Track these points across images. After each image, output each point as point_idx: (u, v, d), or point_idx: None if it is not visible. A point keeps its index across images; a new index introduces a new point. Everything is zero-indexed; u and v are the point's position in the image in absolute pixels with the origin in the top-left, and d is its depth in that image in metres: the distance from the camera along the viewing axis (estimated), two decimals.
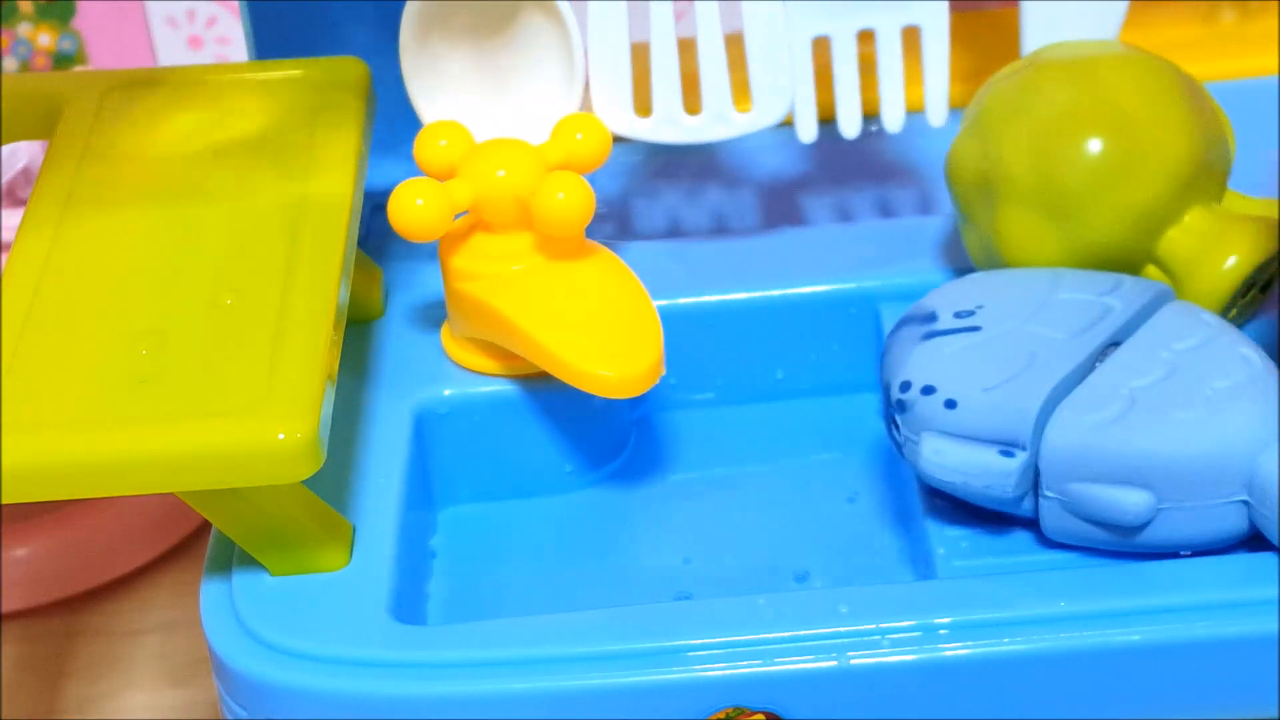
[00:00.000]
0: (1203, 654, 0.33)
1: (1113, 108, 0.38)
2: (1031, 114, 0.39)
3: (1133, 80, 0.39)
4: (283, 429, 0.32)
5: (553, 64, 0.43)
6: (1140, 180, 0.38)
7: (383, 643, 0.34)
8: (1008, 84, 0.40)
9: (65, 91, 0.42)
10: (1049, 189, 0.38)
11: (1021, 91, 0.39)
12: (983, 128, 0.39)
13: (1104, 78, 0.39)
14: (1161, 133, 0.38)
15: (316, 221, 0.38)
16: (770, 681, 0.33)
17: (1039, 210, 0.38)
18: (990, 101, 0.40)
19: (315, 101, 0.41)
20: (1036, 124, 0.38)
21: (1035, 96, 0.39)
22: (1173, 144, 0.38)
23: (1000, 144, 0.39)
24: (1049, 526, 0.35)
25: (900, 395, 0.36)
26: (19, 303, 0.36)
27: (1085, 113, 0.38)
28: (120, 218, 0.38)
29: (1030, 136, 0.38)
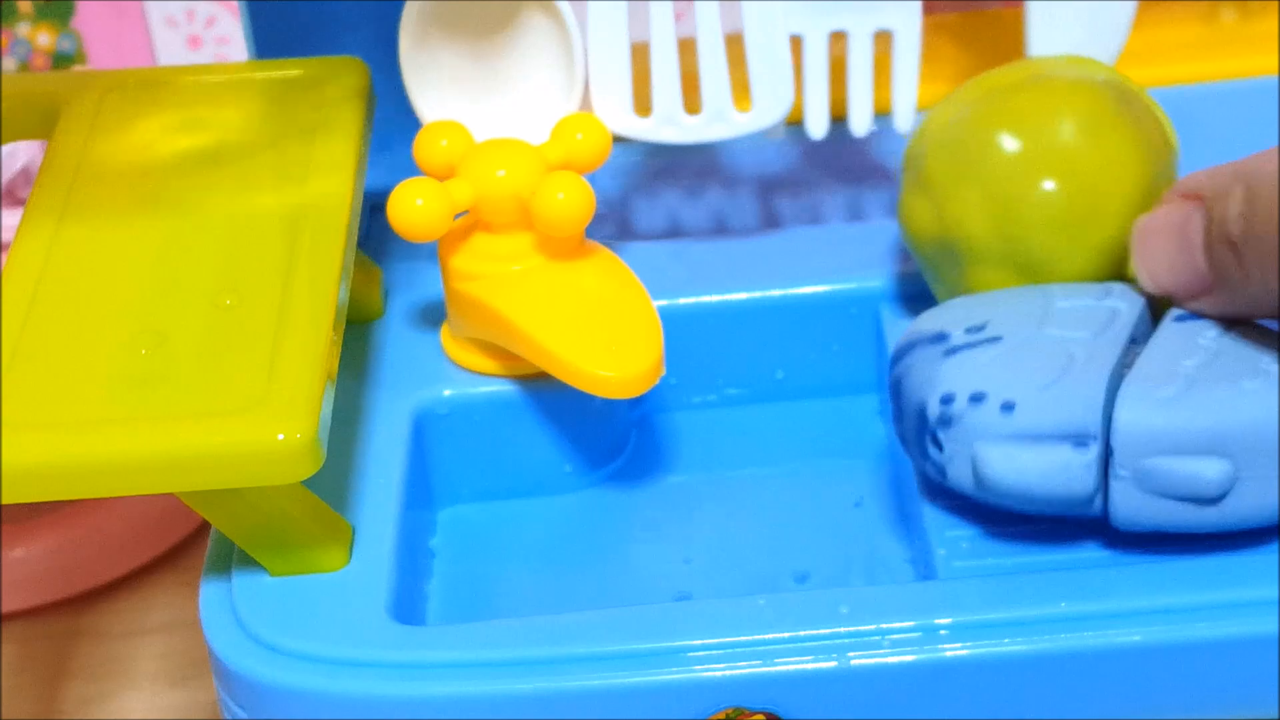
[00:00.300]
0: (1203, 654, 0.33)
1: (1062, 154, 0.37)
2: (981, 172, 0.37)
3: (1075, 116, 0.37)
4: (282, 429, 0.32)
5: (553, 64, 0.43)
6: (1104, 219, 0.37)
7: (382, 643, 0.34)
8: (947, 135, 0.38)
9: (64, 91, 0.42)
10: (1015, 249, 0.37)
11: (964, 145, 0.38)
12: (932, 188, 0.38)
13: (1045, 120, 0.37)
14: (1116, 167, 0.37)
15: (316, 221, 0.37)
16: (770, 682, 0.33)
17: (1008, 268, 0.37)
18: (933, 157, 0.38)
19: (315, 101, 0.41)
20: (989, 184, 0.37)
21: (980, 151, 0.37)
22: (1128, 174, 0.37)
23: (954, 207, 0.38)
24: (1121, 513, 0.34)
25: (943, 409, 0.35)
26: (19, 303, 0.35)
27: (1037, 164, 0.37)
28: (119, 218, 0.38)
29: (984, 198, 0.37)
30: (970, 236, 0.37)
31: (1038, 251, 0.37)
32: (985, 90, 0.39)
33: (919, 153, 0.39)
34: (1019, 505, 0.35)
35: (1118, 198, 0.37)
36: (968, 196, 0.37)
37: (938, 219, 0.38)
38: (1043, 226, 0.37)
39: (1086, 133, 0.37)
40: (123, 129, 0.41)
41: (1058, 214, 0.37)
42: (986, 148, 0.37)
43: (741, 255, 0.44)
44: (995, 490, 0.35)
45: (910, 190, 0.39)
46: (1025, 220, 0.37)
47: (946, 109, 0.39)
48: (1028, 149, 0.37)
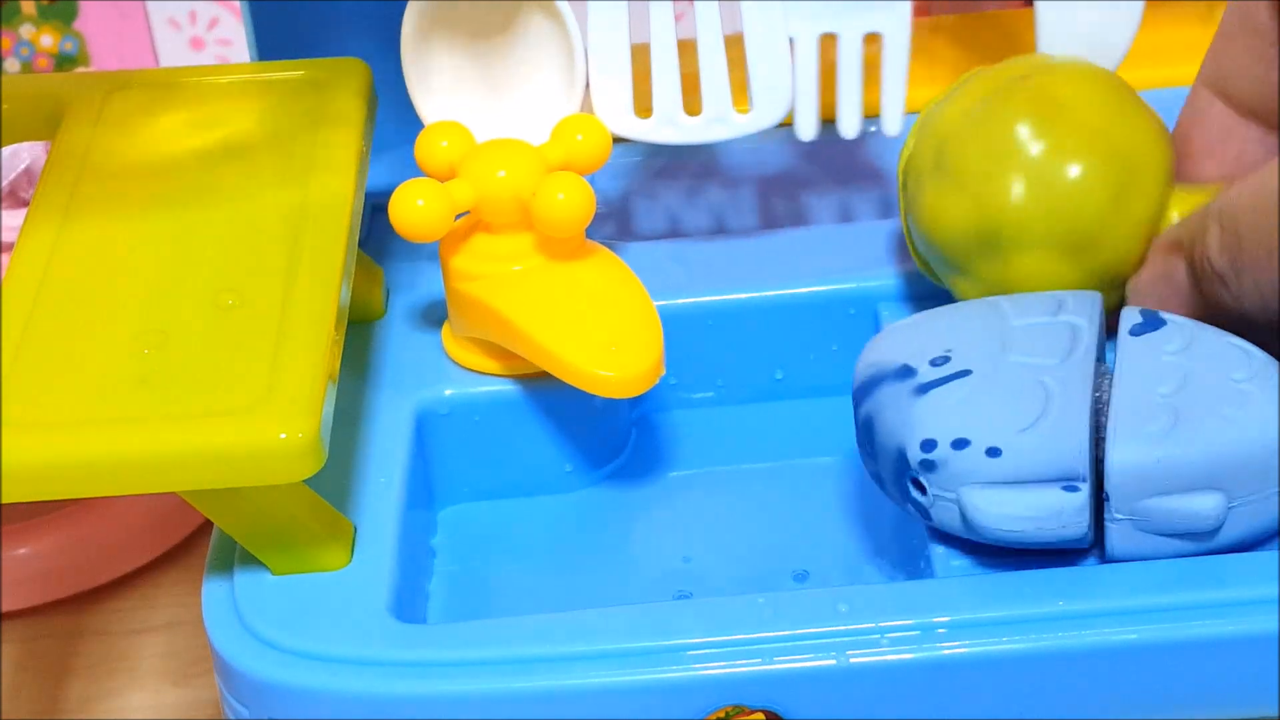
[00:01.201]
0: (1202, 653, 0.33)
1: (1096, 131, 0.37)
2: (1020, 157, 0.37)
3: (1102, 93, 0.38)
4: (284, 429, 0.32)
5: (553, 64, 0.43)
6: (1142, 191, 0.38)
7: (383, 642, 0.34)
8: (971, 127, 0.38)
9: (67, 93, 0.42)
10: (1067, 228, 0.37)
11: (996, 133, 0.38)
12: (967, 180, 0.38)
13: (1076, 99, 0.38)
14: (1140, 139, 0.38)
15: (318, 222, 0.38)
16: (769, 680, 0.33)
17: (1056, 250, 0.37)
18: (962, 150, 0.38)
19: (316, 102, 0.42)
20: (1033, 167, 0.37)
21: (1014, 138, 0.37)
22: (1152, 147, 0.38)
23: (997, 195, 0.37)
24: (1117, 551, 0.34)
25: (925, 455, 0.34)
26: (21, 303, 0.36)
27: (1077, 141, 0.37)
28: (122, 218, 0.38)
29: (1031, 181, 0.37)
30: (1018, 222, 0.37)
31: (1088, 227, 0.37)
32: (1001, 81, 0.39)
33: (936, 150, 0.39)
34: (1009, 544, 0.35)
35: (1150, 169, 0.38)
36: (1010, 182, 0.37)
37: (977, 210, 0.38)
38: (1096, 204, 0.37)
39: (1115, 109, 0.38)
40: (125, 130, 0.41)
41: (1103, 187, 0.37)
42: (1024, 131, 0.37)
43: (741, 255, 0.44)
44: (986, 535, 0.35)
45: (935, 188, 0.38)
46: (1078, 198, 0.37)
47: (956, 104, 0.39)
48: (1066, 127, 0.37)
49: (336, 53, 0.44)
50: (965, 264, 0.38)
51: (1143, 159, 0.38)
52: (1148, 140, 0.38)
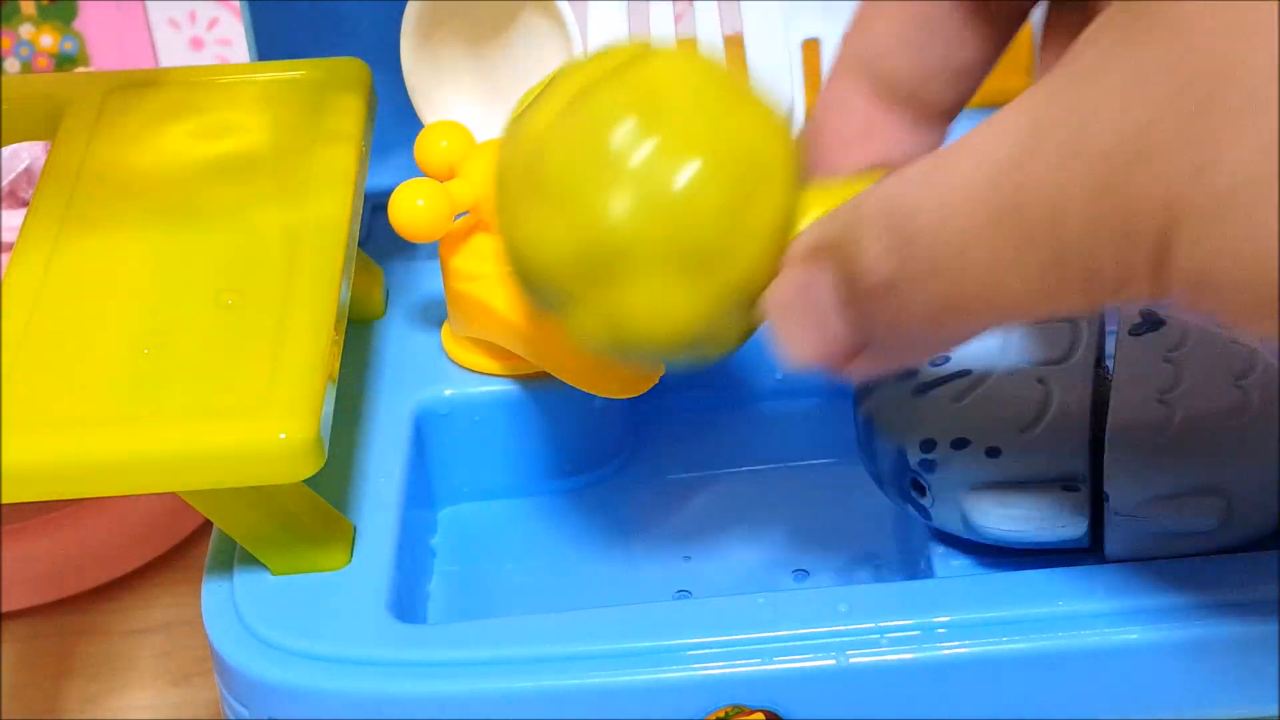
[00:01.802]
0: (1203, 654, 0.33)
1: (705, 127, 0.31)
2: (620, 163, 0.30)
3: (698, 84, 0.32)
4: (284, 428, 0.32)
5: (553, 64, 0.43)
6: (767, 193, 0.31)
7: (383, 642, 0.34)
8: (565, 135, 0.31)
9: (67, 93, 0.42)
10: (682, 243, 0.30)
11: (589, 140, 0.31)
12: (562, 195, 0.31)
13: (670, 94, 0.31)
14: (759, 133, 0.31)
15: (318, 221, 0.38)
16: (769, 680, 0.33)
17: (675, 269, 0.31)
18: (551, 161, 0.31)
19: (316, 102, 0.42)
20: (636, 174, 0.30)
21: (611, 141, 0.31)
22: (773, 141, 0.32)
23: (601, 209, 0.31)
24: (1116, 551, 0.35)
25: (924, 455, 0.35)
26: (21, 303, 0.36)
27: (684, 143, 0.31)
28: (122, 219, 0.38)
29: (638, 190, 0.30)
30: (626, 240, 0.31)
31: (706, 239, 0.31)
32: (593, 75, 0.32)
33: (525, 163, 0.32)
34: (1009, 543, 0.35)
35: (775, 166, 0.31)
36: (611, 194, 0.31)
37: (577, 230, 0.31)
38: (707, 208, 0.30)
39: (726, 100, 0.32)
40: (125, 130, 0.41)
41: (720, 191, 0.31)
42: (622, 132, 0.31)
43: None
44: (986, 535, 0.35)
45: (529, 208, 0.32)
46: (686, 204, 0.30)
47: (544, 106, 0.32)
48: (670, 124, 0.31)
49: (336, 53, 0.44)
50: (575, 294, 0.32)
51: (764, 156, 0.31)
52: (768, 134, 0.32)
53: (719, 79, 0.32)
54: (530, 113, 0.32)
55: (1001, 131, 0.27)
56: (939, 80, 0.32)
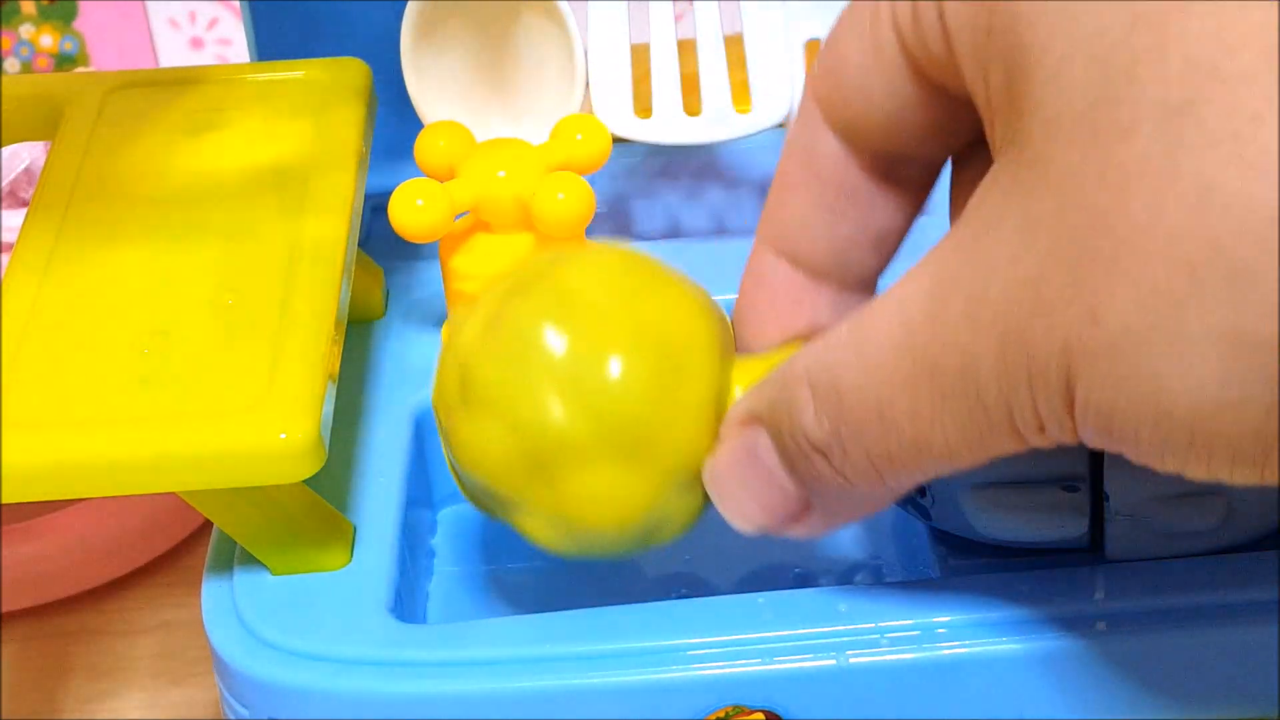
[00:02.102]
0: (1203, 654, 0.33)
1: (625, 317, 0.32)
2: (547, 365, 0.32)
3: (613, 278, 0.33)
4: (284, 429, 0.32)
5: (553, 64, 0.43)
6: (695, 372, 0.32)
7: (383, 641, 0.34)
8: (492, 345, 0.32)
9: (67, 93, 0.42)
10: (617, 432, 0.31)
11: (514, 347, 0.32)
12: (496, 404, 0.32)
13: (587, 290, 0.32)
14: (680, 315, 0.33)
15: (317, 221, 0.38)
16: (769, 680, 0.33)
17: (613, 459, 0.32)
18: (487, 373, 0.32)
19: (316, 102, 0.42)
20: (564, 372, 0.31)
21: (535, 345, 0.32)
22: (696, 321, 0.33)
23: (534, 413, 0.32)
24: (1117, 551, 0.34)
25: None
26: (21, 303, 0.36)
27: (606, 336, 0.32)
28: (121, 219, 0.38)
29: (566, 388, 0.31)
30: (561, 439, 0.32)
31: (640, 425, 0.32)
32: (513, 285, 0.33)
33: (459, 378, 0.33)
34: (1009, 543, 0.35)
35: (700, 345, 0.32)
36: (543, 396, 0.31)
37: (515, 436, 0.32)
38: (636, 395, 0.31)
39: (644, 288, 0.33)
40: (125, 130, 0.41)
41: (648, 376, 0.32)
42: (546, 334, 0.32)
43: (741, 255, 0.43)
44: (986, 535, 0.35)
45: (467, 421, 0.33)
46: (616, 394, 0.31)
47: (472, 322, 0.33)
48: (589, 320, 0.32)
49: (336, 52, 0.44)
50: (521, 499, 0.33)
51: (688, 336, 0.32)
52: (690, 315, 0.33)
53: (635, 270, 0.33)
54: (458, 330, 0.33)
55: (913, 290, 0.28)
56: (859, 250, 0.33)
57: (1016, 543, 0.35)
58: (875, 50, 0.30)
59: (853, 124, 0.31)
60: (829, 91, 0.31)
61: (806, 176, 0.32)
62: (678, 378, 0.32)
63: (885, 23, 0.30)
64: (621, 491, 0.32)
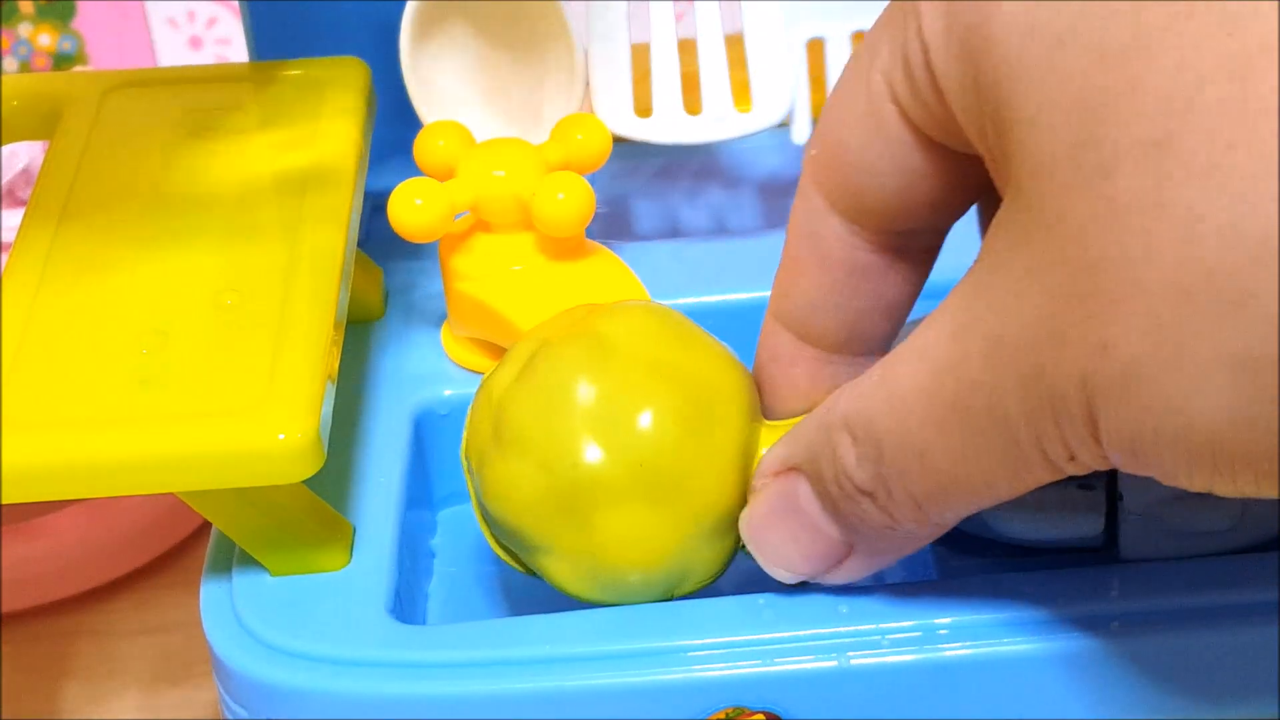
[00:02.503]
0: (1203, 654, 0.33)
1: (659, 365, 0.33)
2: (582, 408, 0.33)
3: (648, 329, 0.34)
4: (283, 429, 0.32)
5: (553, 64, 0.43)
6: (724, 422, 0.33)
7: (382, 643, 0.34)
8: (527, 388, 0.33)
9: (65, 92, 0.42)
10: (649, 474, 0.33)
11: (550, 391, 0.33)
12: (530, 443, 0.33)
13: (622, 339, 0.34)
14: (710, 367, 0.34)
15: (317, 221, 0.38)
16: (770, 681, 0.33)
17: (643, 500, 0.33)
18: (520, 417, 0.33)
19: (316, 102, 0.42)
20: (598, 415, 0.33)
21: (571, 389, 0.33)
22: (725, 375, 0.34)
23: (570, 447, 0.33)
24: (1131, 550, 0.34)
25: None
26: (20, 303, 0.36)
27: (640, 382, 0.33)
28: (120, 218, 0.38)
29: (601, 430, 0.33)
30: (594, 479, 0.33)
31: (671, 468, 0.33)
32: (549, 335, 0.34)
33: (493, 421, 0.34)
34: (1026, 542, 0.35)
35: (728, 396, 0.34)
36: (577, 438, 0.33)
37: (547, 473, 0.33)
38: (668, 440, 0.33)
39: (676, 340, 0.34)
40: (123, 130, 0.41)
41: (679, 422, 0.33)
42: (581, 379, 0.33)
43: (741, 255, 0.44)
44: (1002, 534, 0.35)
45: (498, 463, 0.34)
46: (648, 437, 0.33)
47: (506, 368, 0.34)
48: (624, 367, 0.33)
49: (336, 52, 0.44)
50: (549, 540, 0.34)
51: (718, 388, 0.33)
52: (719, 369, 0.34)
53: (669, 323, 0.34)
54: (492, 376, 0.35)
55: (935, 335, 0.28)
56: (871, 322, 0.33)
57: (1033, 542, 0.35)
58: (877, 128, 0.30)
59: (859, 205, 0.31)
60: (831, 177, 0.31)
61: (814, 260, 0.32)
62: (709, 425, 0.33)
63: (882, 96, 0.30)
64: (650, 533, 0.33)
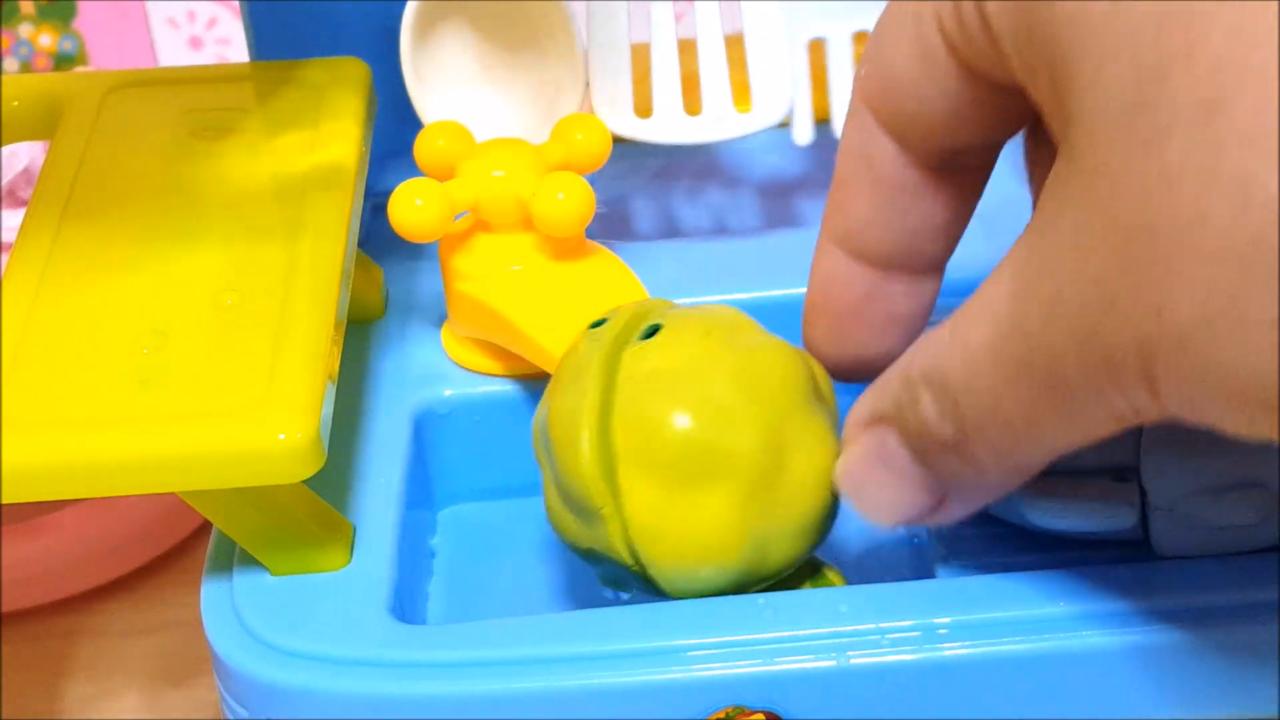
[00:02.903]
0: (1203, 654, 0.33)
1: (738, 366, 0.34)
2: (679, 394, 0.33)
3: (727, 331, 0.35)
4: (284, 429, 0.32)
5: (553, 64, 0.43)
6: (794, 420, 0.34)
7: (383, 642, 0.34)
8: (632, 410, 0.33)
9: (66, 92, 0.42)
10: (727, 455, 0.33)
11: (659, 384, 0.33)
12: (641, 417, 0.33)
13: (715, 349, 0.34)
14: (777, 359, 0.34)
15: (317, 221, 0.38)
16: (770, 681, 0.33)
17: (733, 480, 0.33)
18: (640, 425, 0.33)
19: (315, 102, 0.42)
20: (690, 402, 0.33)
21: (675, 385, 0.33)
22: (790, 364, 0.34)
23: (663, 424, 0.33)
24: (1163, 544, 0.35)
25: None
26: (20, 303, 0.36)
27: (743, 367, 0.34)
28: (121, 218, 0.38)
29: (694, 410, 0.33)
30: (684, 448, 0.33)
31: (753, 456, 0.33)
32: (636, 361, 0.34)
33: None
34: (1061, 533, 0.35)
35: (797, 396, 0.34)
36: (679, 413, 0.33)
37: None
38: (757, 434, 0.33)
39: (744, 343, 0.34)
40: (124, 130, 0.41)
41: (758, 414, 0.33)
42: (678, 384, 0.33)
43: (741, 255, 0.44)
44: (1038, 524, 0.35)
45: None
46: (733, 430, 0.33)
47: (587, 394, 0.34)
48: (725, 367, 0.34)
49: (336, 53, 0.44)
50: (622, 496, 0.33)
51: (785, 381, 0.34)
52: (775, 349, 0.35)
53: (738, 326, 0.35)
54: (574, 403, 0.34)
55: (997, 292, 0.29)
56: (925, 240, 0.33)
57: (1069, 532, 0.35)
58: (923, 55, 0.30)
59: (907, 125, 0.32)
60: (880, 96, 0.32)
61: (866, 178, 0.33)
62: (782, 423, 0.33)
63: (930, 25, 0.30)
64: (721, 512, 0.33)
